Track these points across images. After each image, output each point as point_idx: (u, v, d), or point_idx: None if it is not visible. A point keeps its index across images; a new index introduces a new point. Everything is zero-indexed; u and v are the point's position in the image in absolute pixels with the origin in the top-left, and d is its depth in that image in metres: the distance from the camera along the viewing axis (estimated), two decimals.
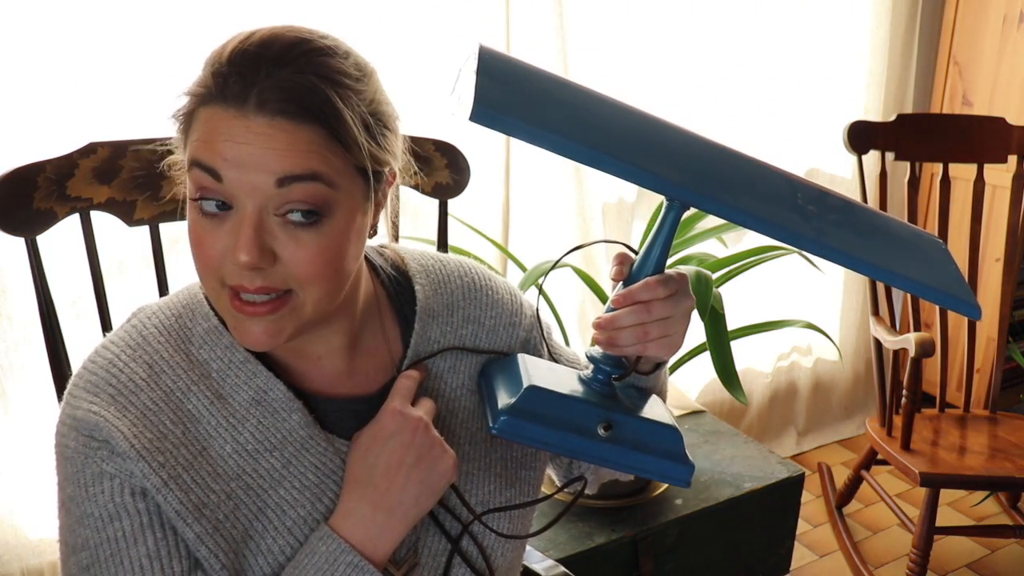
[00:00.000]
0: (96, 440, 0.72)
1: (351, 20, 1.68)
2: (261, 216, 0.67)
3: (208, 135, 0.67)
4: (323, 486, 0.77)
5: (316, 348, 0.80)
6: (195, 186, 0.68)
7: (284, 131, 0.66)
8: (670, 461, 0.76)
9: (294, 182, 0.66)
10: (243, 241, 0.67)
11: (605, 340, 0.75)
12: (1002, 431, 1.94)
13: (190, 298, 0.80)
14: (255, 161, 0.66)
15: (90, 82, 1.46)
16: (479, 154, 1.78)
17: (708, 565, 1.72)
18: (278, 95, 0.65)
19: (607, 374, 0.77)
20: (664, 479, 0.77)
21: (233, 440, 0.75)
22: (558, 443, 0.73)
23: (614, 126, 0.72)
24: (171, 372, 0.76)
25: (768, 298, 2.36)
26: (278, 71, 0.66)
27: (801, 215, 0.72)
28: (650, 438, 0.76)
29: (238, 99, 0.65)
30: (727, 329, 1.49)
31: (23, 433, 1.56)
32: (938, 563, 2.10)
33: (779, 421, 2.60)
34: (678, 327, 0.76)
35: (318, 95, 0.66)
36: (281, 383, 0.77)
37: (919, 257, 0.77)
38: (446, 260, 0.92)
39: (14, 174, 1.01)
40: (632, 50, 2.03)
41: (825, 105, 2.37)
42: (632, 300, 0.74)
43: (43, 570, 1.61)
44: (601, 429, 0.74)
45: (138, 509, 0.72)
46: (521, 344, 0.91)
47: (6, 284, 1.49)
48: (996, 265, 2.34)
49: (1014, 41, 2.34)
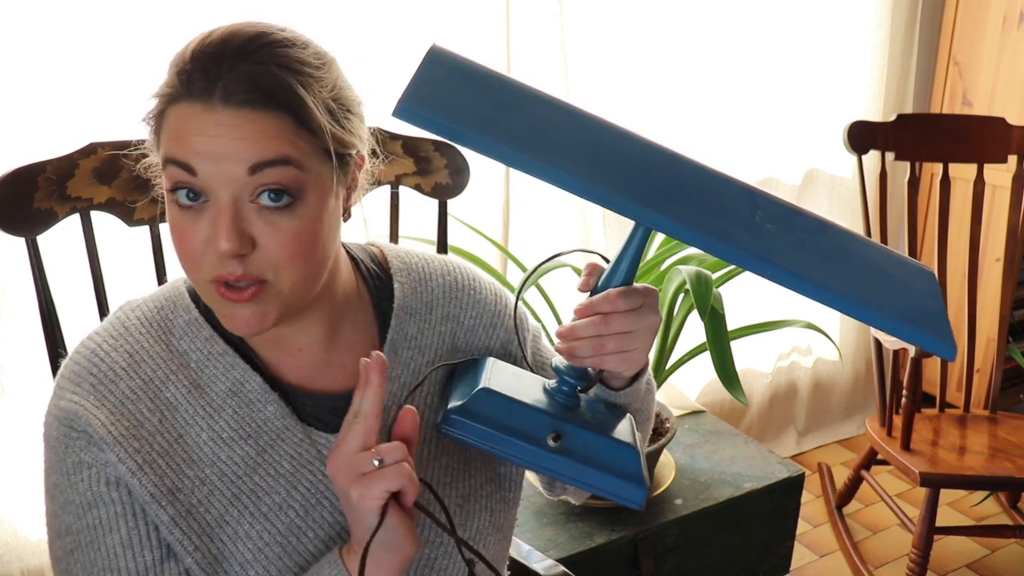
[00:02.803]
0: (75, 430, 0.75)
1: (351, 20, 1.68)
2: (237, 205, 0.69)
3: (179, 132, 0.69)
4: (298, 475, 0.79)
5: (297, 339, 0.81)
6: (171, 182, 0.71)
7: (251, 120, 0.68)
8: (621, 480, 0.74)
9: (266, 167, 0.69)
10: (222, 230, 0.69)
11: (565, 350, 0.75)
12: (1002, 431, 1.94)
13: (173, 291, 0.83)
14: (226, 152, 0.68)
15: (90, 82, 1.46)
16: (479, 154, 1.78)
17: (708, 565, 1.72)
18: (242, 87, 0.68)
19: (571, 385, 0.77)
20: (615, 498, 0.75)
21: (209, 428, 0.78)
22: (503, 448, 0.73)
23: (551, 130, 0.70)
24: (151, 361, 0.78)
25: (768, 298, 2.36)
26: (240, 64, 0.68)
27: (752, 232, 0.69)
28: (602, 454, 0.74)
29: (204, 94, 0.68)
30: (727, 329, 1.49)
31: (23, 433, 1.56)
32: (938, 563, 2.10)
33: (779, 421, 2.60)
34: (639, 342, 0.75)
35: (280, 83, 0.69)
36: (257, 376, 0.80)
37: (894, 287, 0.74)
38: (431, 258, 0.93)
39: (14, 174, 1.01)
40: (632, 50, 2.02)
41: (825, 105, 2.37)
42: (592, 311, 0.74)
43: (43, 570, 1.61)
44: (550, 439, 0.73)
45: (112, 499, 0.75)
46: (502, 345, 0.92)
47: (6, 284, 1.50)
48: (996, 265, 2.34)
49: (1014, 41, 2.34)
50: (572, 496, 1.03)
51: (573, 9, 1.90)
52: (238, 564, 0.76)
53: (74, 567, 0.75)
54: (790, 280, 0.68)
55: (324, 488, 0.80)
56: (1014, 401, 2.65)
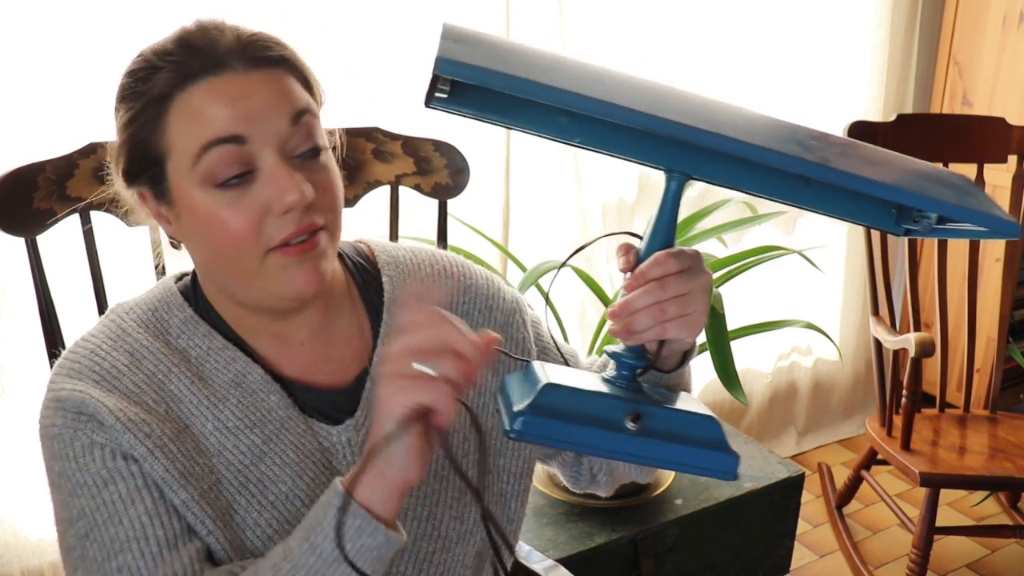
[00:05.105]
0: (84, 415, 0.74)
1: (351, 20, 1.68)
2: (288, 159, 0.72)
3: (209, 109, 0.70)
4: (303, 464, 0.79)
5: (299, 332, 0.82)
6: (212, 168, 0.71)
7: (274, 76, 0.72)
8: (712, 451, 0.69)
9: (302, 116, 0.73)
10: (288, 182, 0.71)
11: (622, 328, 0.69)
12: (1002, 431, 1.94)
13: (164, 291, 0.83)
14: (269, 108, 0.71)
15: (90, 82, 1.46)
16: (479, 154, 1.78)
17: (708, 565, 1.72)
18: (254, 48, 0.72)
19: (630, 368, 0.72)
20: (707, 472, 0.69)
21: (214, 418, 0.77)
22: (583, 440, 0.67)
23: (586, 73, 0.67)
24: (152, 358, 0.78)
25: (768, 298, 2.36)
26: (233, 34, 0.72)
27: (804, 148, 0.66)
28: (685, 428, 0.69)
29: (225, 63, 0.71)
30: (727, 329, 1.49)
31: (23, 433, 1.56)
32: (938, 563, 2.10)
33: (779, 421, 2.60)
34: (697, 304, 0.70)
35: (278, 44, 0.74)
36: (259, 367, 0.80)
37: (942, 183, 0.69)
38: (419, 250, 0.93)
39: (14, 174, 1.01)
40: (631, 51, 2.02)
41: (825, 105, 2.37)
42: (644, 280, 0.69)
43: (43, 570, 1.61)
44: (629, 422, 0.68)
45: (131, 472, 0.73)
46: (500, 328, 0.91)
47: (6, 284, 1.50)
48: (996, 265, 2.33)
49: (1014, 41, 2.34)
50: (602, 488, 0.99)
51: (573, 9, 1.90)
52: (248, 552, 0.76)
53: (90, 549, 0.72)
54: (858, 182, 0.63)
55: (325, 480, 0.80)
56: (1014, 401, 2.65)
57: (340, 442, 0.81)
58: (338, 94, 1.63)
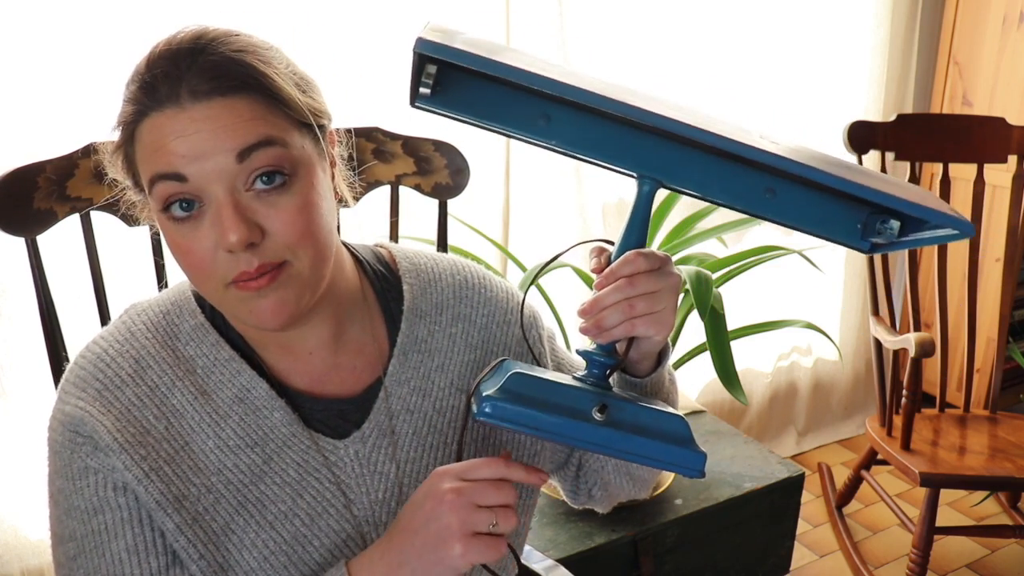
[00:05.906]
0: (81, 436, 0.74)
1: (351, 20, 1.68)
2: (235, 196, 0.68)
3: (156, 144, 0.68)
4: (304, 482, 0.78)
5: (307, 342, 0.81)
6: (161, 200, 0.69)
7: (224, 108, 0.67)
8: (677, 446, 0.71)
9: (252, 151, 0.68)
10: (228, 223, 0.68)
11: (592, 325, 0.71)
12: (1002, 431, 1.94)
13: (179, 295, 0.82)
14: (209, 146, 0.67)
15: (90, 82, 1.46)
16: (479, 154, 1.78)
17: (708, 565, 1.72)
18: (206, 78, 0.67)
19: (601, 367, 0.73)
20: (674, 468, 0.71)
21: (215, 436, 0.77)
22: (550, 426, 0.69)
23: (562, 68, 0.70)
24: (157, 367, 0.78)
25: (768, 298, 2.36)
26: (196, 59, 0.68)
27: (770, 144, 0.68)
28: (652, 423, 0.71)
29: (171, 98, 0.67)
30: (727, 329, 1.49)
31: (23, 433, 1.56)
32: (938, 563, 2.10)
33: (779, 421, 2.60)
34: (666, 301, 0.72)
35: (241, 65, 0.69)
36: (264, 382, 0.79)
37: (900, 187, 0.71)
38: (440, 259, 0.92)
39: (14, 174, 1.01)
40: (631, 52, 2.02)
41: (825, 105, 2.37)
42: (614, 278, 0.71)
43: (43, 570, 1.61)
44: (596, 412, 0.69)
45: (119, 504, 0.74)
46: (517, 342, 0.90)
47: (6, 284, 1.50)
48: (996, 265, 2.34)
49: (1014, 41, 2.34)
50: (598, 503, 1.00)
51: (573, 9, 1.90)
52: (243, 572, 0.76)
53: (76, 573, 0.75)
54: (824, 177, 0.65)
55: (330, 496, 0.79)
56: (1014, 401, 2.65)
57: (348, 455, 0.80)
58: (338, 94, 1.63)
